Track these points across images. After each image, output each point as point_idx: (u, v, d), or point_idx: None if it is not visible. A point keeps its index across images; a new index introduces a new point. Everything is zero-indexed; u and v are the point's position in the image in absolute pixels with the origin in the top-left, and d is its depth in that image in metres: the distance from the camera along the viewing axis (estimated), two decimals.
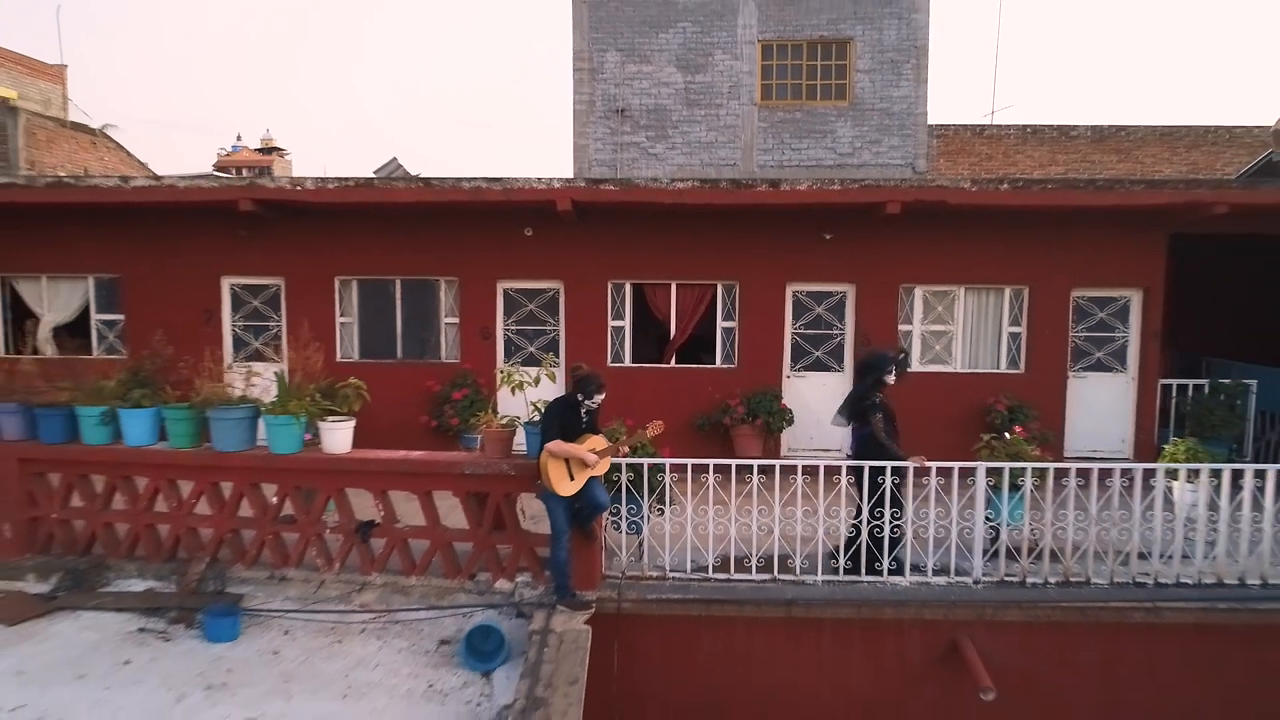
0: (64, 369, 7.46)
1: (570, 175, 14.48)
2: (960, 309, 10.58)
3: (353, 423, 6.92)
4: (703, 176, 14.70)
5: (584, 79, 14.89)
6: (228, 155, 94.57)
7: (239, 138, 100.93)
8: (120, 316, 10.81)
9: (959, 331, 10.58)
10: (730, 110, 14.86)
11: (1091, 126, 15.11)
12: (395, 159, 12.94)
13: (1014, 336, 10.58)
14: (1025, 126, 15.12)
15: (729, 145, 14.89)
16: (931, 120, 15.10)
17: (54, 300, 10.92)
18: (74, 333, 10.93)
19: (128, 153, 19.51)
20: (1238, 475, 6.89)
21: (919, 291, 10.57)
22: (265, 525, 6.98)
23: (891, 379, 7.01)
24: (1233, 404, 10.35)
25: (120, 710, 5.32)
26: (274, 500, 7.01)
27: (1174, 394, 10.74)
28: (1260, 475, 6.85)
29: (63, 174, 16.86)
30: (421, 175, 10.74)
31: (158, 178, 10.79)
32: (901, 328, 10.57)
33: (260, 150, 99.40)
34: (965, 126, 15.49)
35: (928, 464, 6.73)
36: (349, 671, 5.93)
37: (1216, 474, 6.93)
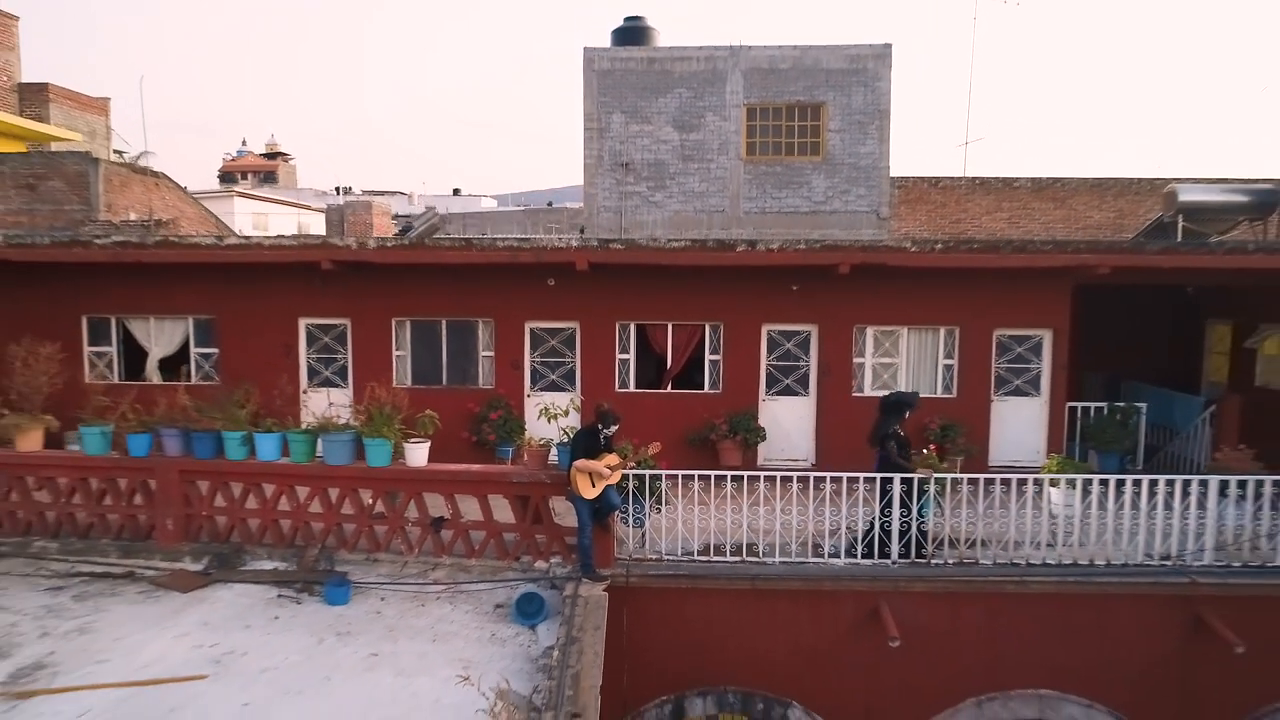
0: (204, 397, 9.79)
1: (577, 181, 16.69)
2: (904, 345, 12.93)
3: (428, 443, 9.25)
4: (695, 222, 17.05)
5: (593, 137, 17.22)
6: (233, 160, 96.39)
7: (244, 142, 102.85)
8: (215, 350, 13.15)
9: (903, 363, 12.93)
10: (719, 164, 17.17)
11: (1031, 178, 17.43)
12: (434, 209, 15.30)
13: (948, 368, 12.92)
14: (974, 178, 17.42)
15: (718, 195, 17.22)
16: (894, 173, 17.41)
17: (159, 336, 13.26)
18: (176, 363, 13.26)
19: (184, 190, 21.83)
20: (1088, 483, 9.23)
21: (870, 331, 12.92)
22: (362, 520, 9.31)
23: (908, 414, 9.46)
24: (1125, 422, 12.67)
25: (282, 648, 7.64)
26: (369, 501, 9.34)
27: (1079, 414, 13.04)
28: (1105, 484, 9.20)
29: (133, 215, 19.14)
30: (465, 236, 13.03)
31: (247, 238, 13.07)
32: (856, 360, 12.92)
33: (265, 155, 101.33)
34: (922, 178, 17.80)
35: (930, 475, 9.07)
36: (433, 625, 8.24)
37: (1073, 483, 9.28)
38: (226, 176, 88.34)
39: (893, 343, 12.97)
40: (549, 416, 9.24)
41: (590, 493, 8.56)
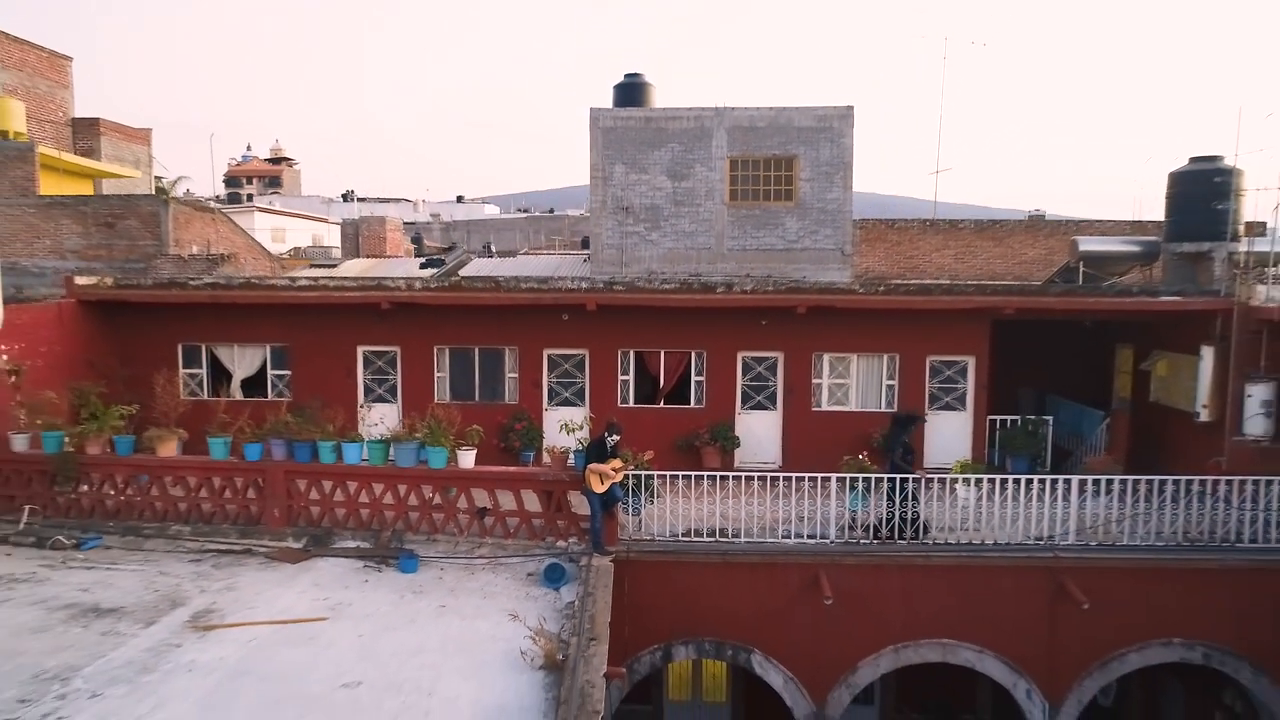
0: (280, 411, 12.59)
1: (577, 182, 19.35)
2: (854, 368, 15.76)
3: (475, 450, 12.04)
4: (686, 258, 19.82)
5: (598, 185, 19.99)
6: (238, 165, 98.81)
7: (249, 147, 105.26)
8: (288, 372, 15.94)
9: (853, 384, 15.76)
10: (706, 208, 19.95)
11: (974, 220, 20.25)
12: (465, 249, 18.04)
13: (890, 387, 15.75)
14: (925, 220, 20.20)
15: (706, 234, 20.00)
16: (855, 216, 20.21)
17: (242, 361, 16.05)
18: (254, 382, 16.05)
19: (234, 224, 24.63)
20: (980, 481, 12.04)
21: (826, 357, 15.75)
22: (424, 509, 12.11)
23: (913, 428, 12.44)
24: (1035, 432, 15.47)
25: (375, 601, 10.41)
26: (429, 495, 12.12)
27: (998, 425, 15.83)
28: (991, 481, 12.02)
29: (195, 248, 21.89)
30: (494, 277, 15.83)
31: (314, 279, 15.85)
32: (815, 381, 15.73)
33: (269, 160, 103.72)
34: (880, 220, 20.63)
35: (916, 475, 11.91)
36: (482, 587, 11.00)
37: (969, 481, 12.09)
38: (231, 181, 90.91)
39: (845, 367, 15.79)
40: (568, 430, 12.06)
41: (600, 488, 11.34)
